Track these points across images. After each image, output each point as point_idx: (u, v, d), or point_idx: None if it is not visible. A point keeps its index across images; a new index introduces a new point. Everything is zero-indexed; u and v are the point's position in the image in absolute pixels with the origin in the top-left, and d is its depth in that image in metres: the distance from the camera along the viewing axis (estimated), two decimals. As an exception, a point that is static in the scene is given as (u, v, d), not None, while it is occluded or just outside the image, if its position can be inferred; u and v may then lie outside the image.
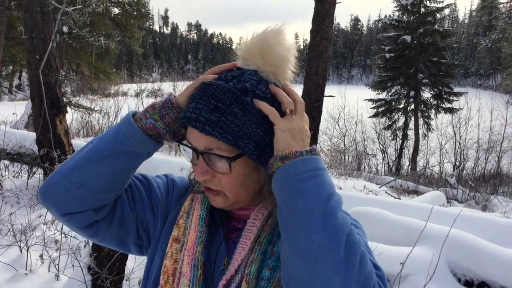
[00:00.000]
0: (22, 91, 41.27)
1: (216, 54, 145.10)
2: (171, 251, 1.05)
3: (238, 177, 0.98)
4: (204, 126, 0.93)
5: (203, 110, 0.94)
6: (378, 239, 3.33)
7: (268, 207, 1.03)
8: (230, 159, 0.95)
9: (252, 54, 1.00)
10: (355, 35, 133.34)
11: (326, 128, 19.94)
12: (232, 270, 0.98)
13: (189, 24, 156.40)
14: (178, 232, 1.07)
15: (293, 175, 0.88)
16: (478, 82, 75.10)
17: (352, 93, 21.22)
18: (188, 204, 1.11)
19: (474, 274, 3.01)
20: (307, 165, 0.90)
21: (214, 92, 0.95)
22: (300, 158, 0.90)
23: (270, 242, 1.00)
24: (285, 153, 0.91)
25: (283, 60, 1.01)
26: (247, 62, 1.01)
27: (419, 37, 21.93)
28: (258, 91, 0.96)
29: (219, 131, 0.93)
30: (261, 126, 0.95)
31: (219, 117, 0.93)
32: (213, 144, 0.95)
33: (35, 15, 5.87)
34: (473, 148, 16.98)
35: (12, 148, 6.97)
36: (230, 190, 1.00)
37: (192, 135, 0.98)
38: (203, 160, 0.97)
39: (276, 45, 1.00)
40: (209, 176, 0.99)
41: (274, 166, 0.92)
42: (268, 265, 0.97)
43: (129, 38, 20.41)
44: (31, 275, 3.81)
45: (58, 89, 6.16)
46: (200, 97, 0.96)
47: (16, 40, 17.00)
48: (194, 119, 0.94)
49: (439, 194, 8.07)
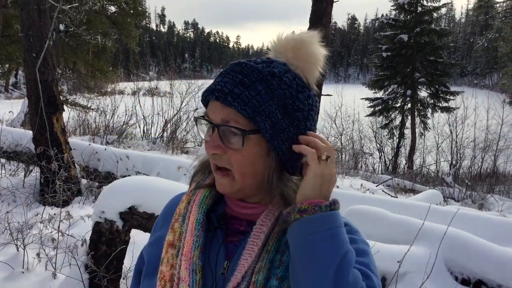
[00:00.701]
0: (19, 89, 41.14)
1: (213, 53, 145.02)
2: (166, 256, 1.03)
3: (249, 157, 0.98)
4: (226, 96, 0.96)
5: (228, 83, 0.97)
6: (376, 237, 3.33)
7: (275, 213, 1.02)
8: (245, 132, 0.96)
9: (284, 47, 1.04)
10: (352, 34, 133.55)
11: (323, 127, 19.96)
12: (239, 277, 0.96)
13: (186, 23, 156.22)
14: (173, 237, 1.05)
15: (310, 233, 0.89)
16: (475, 81, 75.31)
17: (349, 92, 21.24)
18: (184, 207, 1.09)
19: (471, 272, 3.02)
20: (326, 223, 0.90)
21: (242, 69, 0.99)
22: (319, 214, 0.90)
23: (278, 250, 0.98)
24: (304, 206, 0.91)
25: (313, 58, 1.03)
26: (278, 55, 1.04)
27: (416, 36, 21.96)
28: (285, 78, 0.99)
29: (240, 102, 0.95)
30: (280, 110, 0.97)
31: (242, 90, 0.96)
32: (231, 117, 0.96)
33: (31, 13, 5.85)
34: (469, 147, 17.01)
35: (9, 147, 6.96)
36: (238, 170, 0.99)
37: (211, 108, 1.00)
38: (217, 133, 0.98)
39: (309, 43, 1.03)
40: (220, 151, 0.98)
41: (291, 217, 0.92)
42: (276, 274, 0.96)
43: (126, 36, 20.39)
44: (28, 273, 3.79)
45: (54, 87, 6.15)
46: (228, 73, 1.00)
47: (13, 38, 16.95)
48: (218, 90, 0.97)
49: (436, 193, 8.08)
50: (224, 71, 1.02)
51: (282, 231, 0.99)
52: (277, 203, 1.01)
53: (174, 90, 15.76)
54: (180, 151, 12.51)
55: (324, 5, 6.51)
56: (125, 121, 13.92)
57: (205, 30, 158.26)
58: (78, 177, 6.38)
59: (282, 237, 0.99)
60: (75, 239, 4.11)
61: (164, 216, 1.17)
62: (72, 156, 6.33)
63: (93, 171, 6.78)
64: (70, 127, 13.71)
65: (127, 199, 3.24)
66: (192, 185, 1.15)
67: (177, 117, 14.86)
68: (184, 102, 15.11)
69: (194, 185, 1.14)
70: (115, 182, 3.45)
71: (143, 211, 3.18)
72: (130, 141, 13.08)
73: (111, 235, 3.29)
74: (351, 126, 20.83)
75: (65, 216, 4.35)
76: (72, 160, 6.26)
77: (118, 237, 3.30)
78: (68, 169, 5.91)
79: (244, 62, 1.01)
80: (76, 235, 4.28)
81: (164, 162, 6.52)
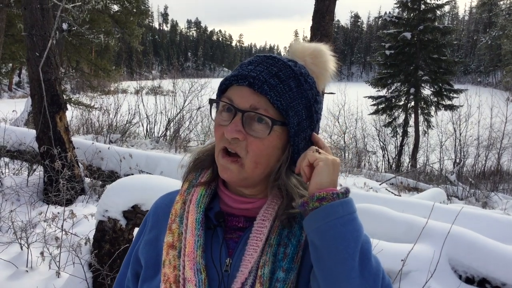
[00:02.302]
0: (22, 88, 41.26)
1: (216, 51, 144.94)
2: (168, 258, 1.03)
3: (268, 147, 1.00)
4: (263, 85, 0.97)
5: (263, 72, 0.99)
6: (379, 236, 3.32)
7: (275, 207, 1.03)
8: (274, 122, 0.98)
9: (304, 52, 1.08)
10: (355, 32, 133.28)
11: (326, 125, 19.93)
12: (246, 273, 0.97)
13: (188, 21, 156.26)
14: (172, 238, 1.05)
15: (333, 218, 0.90)
16: (478, 79, 74.95)
17: (352, 90, 21.19)
18: (180, 208, 1.09)
19: (475, 271, 3.01)
20: (346, 208, 0.92)
21: (275, 63, 1.01)
22: (338, 201, 0.92)
23: (279, 243, 1.01)
24: (322, 194, 0.92)
25: (330, 67, 1.10)
26: (297, 58, 1.07)
27: (419, 34, 21.89)
28: (309, 80, 1.04)
29: (276, 93, 0.98)
30: (305, 109, 1.02)
31: (278, 82, 0.99)
32: (261, 105, 0.98)
33: (34, 12, 5.86)
34: (473, 145, 16.97)
35: (12, 146, 6.98)
36: (253, 159, 0.99)
37: (238, 93, 1.00)
38: (240, 119, 0.98)
39: (327, 53, 1.09)
40: (240, 136, 0.98)
41: (309, 206, 0.93)
42: (282, 266, 0.98)
43: (129, 35, 20.39)
44: (32, 272, 3.80)
45: (58, 86, 6.16)
46: (260, 62, 1.02)
47: (16, 37, 16.98)
48: (253, 76, 0.98)
49: (440, 191, 8.07)
50: (255, 61, 1.03)
51: (281, 225, 1.02)
52: (276, 197, 1.04)
53: (177, 88, 15.77)
54: (183, 150, 12.51)
55: (327, 3, 6.49)
56: (128, 120, 13.95)
57: (208, 29, 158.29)
58: (82, 176, 6.39)
59: (282, 231, 1.02)
60: (78, 237, 4.13)
61: (154, 217, 1.16)
62: (75, 155, 6.34)
63: (97, 170, 6.79)
64: (74, 126, 13.74)
65: (131, 198, 3.24)
66: (185, 184, 1.14)
67: (180, 116, 14.87)
68: (187, 100, 15.13)
69: (187, 184, 1.13)
70: (119, 181, 3.45)
71: (146, 210, 3.18)
72: (133, 140, 13.10)
73: (115, 233, 3.29)
74: (354, 124, 20.80)
75: (69, 215, 4.37)
76: (75, 159, 6.27)
77: (121, 236, 3.31)
78: (71, 168, 5.91)
79: (275, 56, 1.03)
80: (79, 233, 4.30)
81: (167, 161, 6.52)
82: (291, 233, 1.02)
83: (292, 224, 1.03)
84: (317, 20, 6.58)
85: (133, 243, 1.19)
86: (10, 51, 18.35)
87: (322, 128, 16.74)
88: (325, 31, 6.55)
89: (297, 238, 1.01)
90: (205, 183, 1.11)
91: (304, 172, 0.98)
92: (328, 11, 6.53)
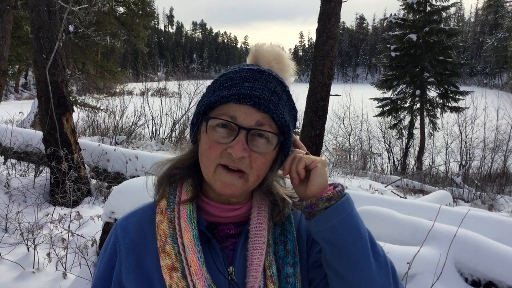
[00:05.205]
0: (28, 90, 41.49)
1: (221, 53, 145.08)
2: (174, 282, 0.98)
3: (268, 161, 1.03)
4: (268, 104, 0.99)
5: (264, 90, 1.00)
6: (385, 238, 3.32)
7: (265, 209, 1.08)
8: (280, 137, 1.01)
9: (269, 56, 1.09)
10: (360, 33, 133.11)
11: (332, 127, 19.91)
12: (258, 276, 1.00)
13: (194, 23, 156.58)
14: (170, 260, 1.00)
15: (346, 214, 0.95)
16: (484, 81, 74.65)
17: (357, 92, 21.17)
18: (168, 227, 1.04)
19: (481, 274, 3.00)
20: (350, 203, 0.98)
21: (270, 79, 1.03)
22: (344, 198, 0.97)
23: (275, 242, 1.06)
24: (329, 194, 0.96)
25: (291, 70, 1.12)
26: (261, 63, 1.09)
27: (425, 36, 21.82)
28: (288, 89, 1.07)
29: (280, 111, 1.00)
30: (293, 119, 1.08)
31: (277, 99, 1.01)
32: (266, 121, 1.00)
33: (41, 14, 5.90)
34: (479, 147, 16.87)
35: (19, 147, 7.02)
36: (256, 173, 1.01)
37: (242, 110, 0.99)
38: (245, 136, 0.98)
39: (286, 56, 1.12)
40: (246, 154, 0.98)
41: (319, 206, 0.96)
42: (288, 262, 1.03)
43: (135, 37, 20.44)
44: (39, 273, 3.82)
45: (64, 88, 6.19)
46: (255, 79, 1.02)
47: (23, 39, 17.05)
48: (257, 96, 0.99)
49: (445, 194, 8.02)
50: (250, 77, 1.01)
51: (275, 224, 1.08)
52: (261, 199, 1.08)
53: (182, 90, 15.81)
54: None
55: (333, 5, 6.49)
56: (134, 122, 14.00)
57: (213, 31, 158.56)
58: (88, 178, 6.42)
59: (274, 230, 1.08)
60: (85, 239, 4.14)
61: (125, 240, 1.08)
62: (82, 156, 6.37)
63: (103, 171, 6.82)
64: (80, 128, 13.80)
65: (137, 200, 3.24)
66: (163, 202, 1.09)
67: (186, 117, 14.90)
68: (192, 102, 15.15)
69: (165, 202, 1.08)
70: (125, 183, 3.47)
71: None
72: (139, 142, 13.14)
73: (121, 235, 3.29)
74: (359, 126, 20.77)
75: (75, 216, 4.38)
76: (82, 160, 6.30)
77: (127, 238, 3.31)
78: (78, 170, 5.94)
79: (265, 70, 1.04)
80: (86, 235, 4.32)
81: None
82: (284, 231, 1.08)
83: (284, 223, 1.09)
84: (323, 22, 6.58)
85: (102, 271, 1.11)
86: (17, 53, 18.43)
87: (327, 129, 16.70)
88: (330, 33, 6.55)
89: (292, 234, 1.08)
90: (191, 199, 1.07)
91: (299, 174, 1.00)
92: (334, 13, 6.53)
